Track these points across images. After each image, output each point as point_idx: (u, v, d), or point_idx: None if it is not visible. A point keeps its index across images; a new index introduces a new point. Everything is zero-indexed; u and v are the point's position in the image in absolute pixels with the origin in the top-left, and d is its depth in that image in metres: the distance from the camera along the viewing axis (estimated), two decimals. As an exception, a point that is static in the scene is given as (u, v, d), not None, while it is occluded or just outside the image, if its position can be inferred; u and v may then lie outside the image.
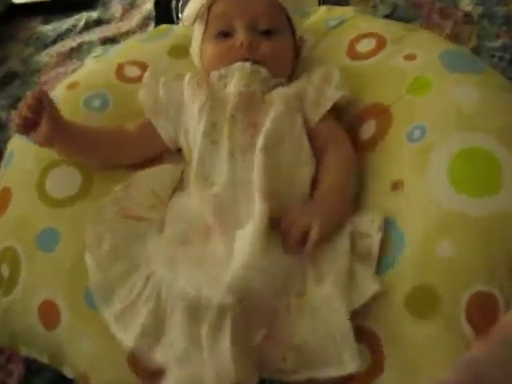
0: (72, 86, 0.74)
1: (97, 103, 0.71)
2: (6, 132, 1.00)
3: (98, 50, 1.14)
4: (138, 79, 0.73)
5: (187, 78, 0.68)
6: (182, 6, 1.05)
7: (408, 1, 1.06)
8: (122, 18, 1.24)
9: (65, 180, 0.64)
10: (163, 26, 0.87)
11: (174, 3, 1.06)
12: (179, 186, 0.66)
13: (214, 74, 0.68)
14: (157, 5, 1.06)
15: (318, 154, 0.63)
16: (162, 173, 0.65)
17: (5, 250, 0.63)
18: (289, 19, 0.72)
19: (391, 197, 0.58)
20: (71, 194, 0.64)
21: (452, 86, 0.62)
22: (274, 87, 0.67)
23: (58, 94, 0.73)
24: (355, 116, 0.68)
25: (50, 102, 0.62)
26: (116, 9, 1.27)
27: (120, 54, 0.80)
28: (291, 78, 0.72)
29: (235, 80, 0.64)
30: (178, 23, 1.04)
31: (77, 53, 1.15)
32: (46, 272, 0.60)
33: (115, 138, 0.67)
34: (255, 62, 0.67)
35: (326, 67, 0.69)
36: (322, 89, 0.66)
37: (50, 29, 1.25)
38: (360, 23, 0.77)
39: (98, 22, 1.24)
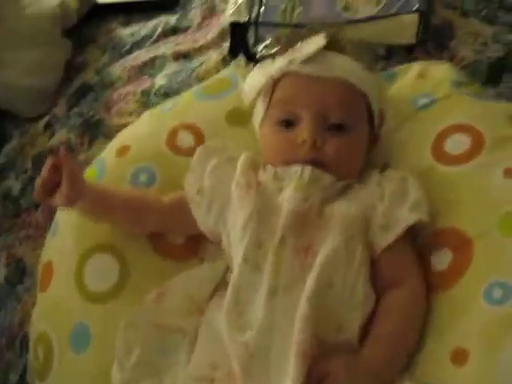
0: (122, 151, 0.71)
1: (144, 178, 0.67)
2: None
3: (171, 67, 1.09)
4: (190, 152, 0.68)
5: (240, 165, 0.61)
6: (259, 36, 0.97)
7: (527, 39, 0.88)
8: (200, 25, 1.17)
9: (102, 271, 0.62)
10: (225, 78, 0.79)
11: (251, 31, 0.98)
12: (222, 284, 0.60)
13: (270, 171, 0.59)
14: (233, 32, 0.98)
15: (379, 289, 0.55)
16: (200, 275, 0.60)
17: (41, 334, 0.63)
18: (368, 106, 0.62)
19: (448, 368, 0.49)
20: (107, 288, 0.61)
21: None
22: (338, 193, 0.58)
23: (108, 158, 0.71)
24: (429, 237, 0.58)
25: (70, 165, 0.58)
26: (195, 14, 1.19)
27: (176, 112, 0.74)
28: (361, 171, 0.62)
29: (291, 190, 0.56)
30: (253, 54, 0.97)
31: (149, 68, 1.10)
32: (74, 374, 0.59)
33: (140, 204, 0.63)
34: (318, 163, 0.57)
35: (401, 176, 0.58)
36: (394, 208, 0.56)
37: (127, 34, 1.21)
38: (455, 107, 0.64)
39: (175, 30, 1.18)
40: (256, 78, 0.63)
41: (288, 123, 0.60)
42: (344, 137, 0.59)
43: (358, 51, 0.64)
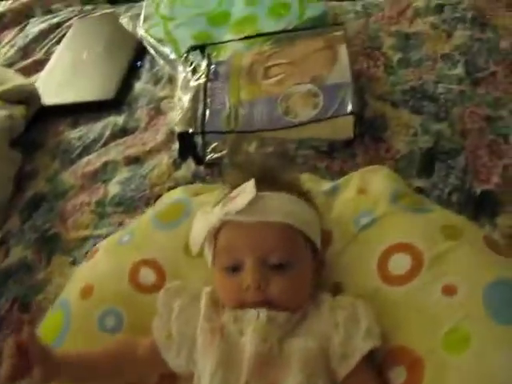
0: (86, 292, 0.71)
1: (111, 322, 0.69)
2: (32, 275, 0.98)
3: (123, 173, 1.10)
4: (153, 289, 0.70)
5: (202, 306, 0.63)
6: (206, 140, 1.02)
7: (454, 129, 0.97)
8: (148, 126, 1.19)
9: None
10: (178, 204, 0.80)
11: (197, 138, 1.02)
12: None
13: (230, 314, 0.62)
14: (181, 139, 1.02)
15: None
16: None
17: None
18: (308, 238, 0.66)
19: None
20: None
21: (493, 349, 0.55)
22: (294, 326, 0.61)
23: (71, 300, 0.71)
24: (384, 355, 0.62)
25: (37, 344, 0.57)
26: (141, 114, 1.22)
27: (134, 246, 0.76)
28: (313, 295, 0.66)
29: (250, 334, 0.59)
30: (202, 158, 1.01)
31: (101, 174, 1.12)
32: None
33: (116, 362, 0.64)
34: (267, 303, 0.61)
35: (351, 303, 0.62)
36: (348, 337, 0.59)
37: (76, 137, 1.22)
38: (393, 225, 0.69)
39: (124, 131, 1.21)
40: (199, 228, 0.67)
41: (234, 268, 0.63)
42: (287, 274, 0.62)
43: (291, 185, 0.68)
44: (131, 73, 1.35)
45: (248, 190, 0.63)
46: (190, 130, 1.01)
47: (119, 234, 0.81)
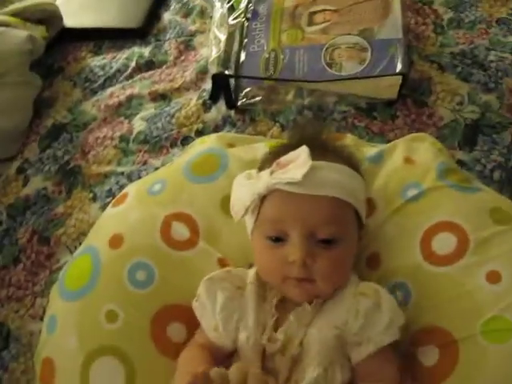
0: (115, 242, 0.68)
1: (142, 276, 0.66)
2: (52, 204, 0.96)
3: (149, 109, 1.06)
4: (186, 245, 0.68)
5: (250, 300, 0.61)
6: (240, 85, 0.96)
7: (502, 103, 0.91)
8: (176, 61, 1.13)
9: (108, 374, 0.61)
10: (213, 155, 0.75)
11: (232, 80, 0.96)
12: None
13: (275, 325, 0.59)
14: (214, 80, 0.96)
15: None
16: None
17: None
18: (356, 212, 0.63)
19: None
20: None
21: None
22: (315, 312, 0.60)
23: (100, 248, 0.69)
24: (416, 334, 0.61)
25: None
26: (169, 47, 1.15)
27: (166, 197, 0.72)
28: None
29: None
30: (237, 102, 0.97)
31: (125, 108, 1.06)
32: None
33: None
34: (310, 280, 0.59)
35: (376, 291, 0.60)
36: (367, 327, 0.58)
37: (98, 66, 1.16)
38: (441, 202, 0.66)
39: (150, 64, 1.14)
40: (242, 195, 0.63)
41: (277, 238, 0.60)
42: (334, 250, 0.60)
43: (340, 152, 0.65)
44: (159, 1, 1.27)
45: (303, 160, 0.59)
46: (226, 72, 0.95)
47: (149, 181, 0.76)
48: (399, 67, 0.90)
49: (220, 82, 0.95)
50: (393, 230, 0.67)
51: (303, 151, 0.60)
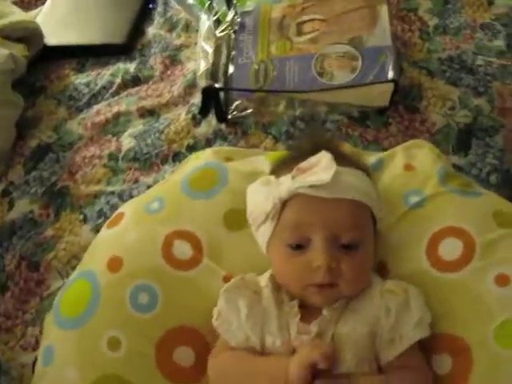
0: (114, 265, 0.65)
1: (144, 300, 0.63)
2: (40, 228, 0.93)
3: (137, 126, 1.03)
4: (190, 264, 0.66)
5: (268, 301, 0.60)
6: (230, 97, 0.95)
7: (493, 106, 0.92)
8: (163, 76, 1.11)
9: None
10: (211, 169, 0.73)
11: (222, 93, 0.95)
12: None
13: (298, 328, 0.58)
14: (204, 94, 0.94)
15: None
16: None
17: None
18: (372, 215, 0.62)
19: None
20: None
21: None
22: (344, 311, 0.59)
23: (98, 272, 0.66)
24: (428, 341, 0.59)
25: None
26: (155, 62, 1.13)
27: (166, 215, 0.69)
28: None
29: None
30: (227, 115, 0.95)
31: (112, 126, 1.04)
32: None
33: None
34: (334, 285, 0.58)
35: (404, 289, 0.60)
36: (399, 324, 0.57)
37: (83, 83, 1.14)
38: (445, 207, 0.66)
39: (135, 80, 1.12)
40: (260, 201, 0.61)
41: (298, 246, 0.59)
42: (356, 254, 0.59)
43: (351, 158, 0.65)
44: (143, 16, 1.25)
45: (326, 163, 0.58)
46: (216, 85, 0.94)
47: (145, 199, 0.74)
48: (391, 74, 0.90)
49: (210, 95, 0.94)
50: (398, 237, 0.66)
51: (324, 156, 0.60)
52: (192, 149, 0.96)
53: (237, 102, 0.97)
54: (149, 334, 0.62)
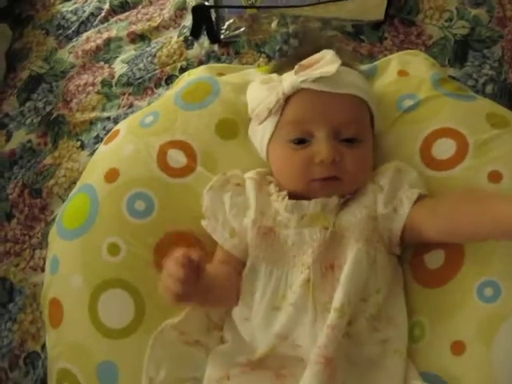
0: (111, 176, 0.66)
1: (141, 207, 0.64)
2: (39, 157, 0.93)
3: (129, 51, 1.01)
4: (185, 171, 0.66)
5: (251, 193, 0.61)
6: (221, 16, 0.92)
7: (491, 16, 0.90)
8: (151, 0, 1.08)
9: (117, 308, 0.61)
10: (204, 82, 0.73)
11: (212, 12, 0.92)
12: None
13: (287, 206, 0.58)
14: (194, 13, 0.92)
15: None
16: None
17: (64, 371, 0.61)
18: (370, 113, 0.63)
19: (449, 359, 0.55)
20: (126, 323, 0.60)
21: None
22: (341, 207, 0.60)
23: (96, 184, 0.67)
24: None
25: (201, 267, 0.53)
26: (143, -15, 1.11)
27: (159, 127, 0.69)
28: None
29: (313, 231, 0.57)
30: (220, 36, 0.93)
31: (103, 52, 1.02)
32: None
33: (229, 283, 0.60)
34: (336, 178, 0.59)
35: (394, 165, 0.61)
36: (394, 191, 0.59)
37: (70, 10, 1.10)
38: (438, 110, 0.66)
39: (124, 5, 1.08)
40: (263, 97, 0.62)
41: (300, 141, 0.60)
42: (357, 149, 0.60)
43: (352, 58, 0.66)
44: None
45: (330, 58, 0.59)
46: (206, 3, 0.91)
47: (140, 115, 0.74)
48: (385, -16, 0.87)
49: (201, 14, 0.91)
50: (392, 140, 0.67)
51: (327, 52, 0.60)
52: (185, 71, 0.93)
53: (229, 22, 0.95)
54: (146, 238, 0.64)
